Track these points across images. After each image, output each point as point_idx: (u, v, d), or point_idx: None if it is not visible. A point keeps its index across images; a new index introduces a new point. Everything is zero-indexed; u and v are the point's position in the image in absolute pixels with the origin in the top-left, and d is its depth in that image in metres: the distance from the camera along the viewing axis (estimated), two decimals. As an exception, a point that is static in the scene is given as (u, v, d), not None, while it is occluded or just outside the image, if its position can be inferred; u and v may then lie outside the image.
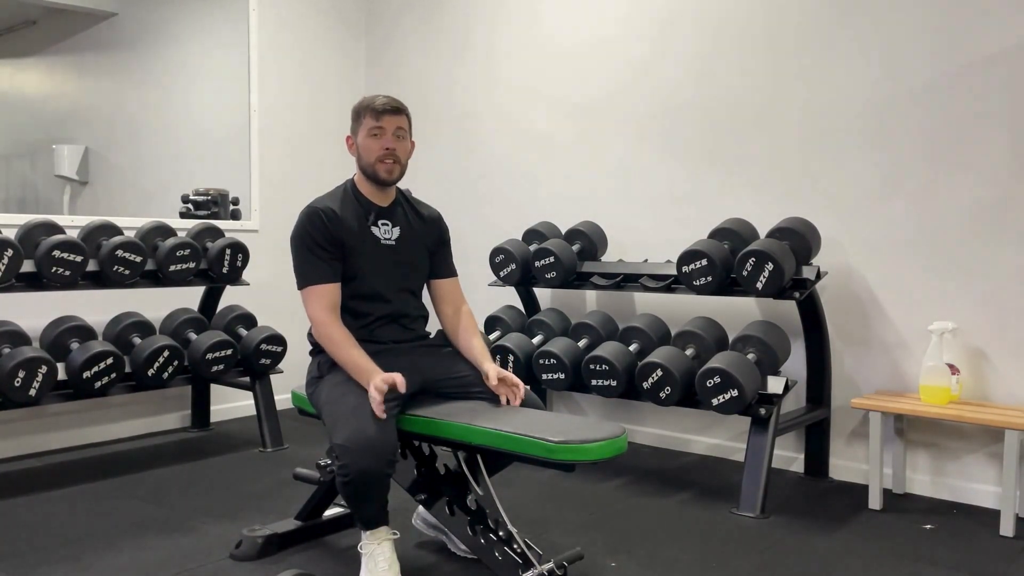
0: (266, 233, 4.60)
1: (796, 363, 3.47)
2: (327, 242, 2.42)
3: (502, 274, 3.98)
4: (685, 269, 3.32)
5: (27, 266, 3.21)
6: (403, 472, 2.47)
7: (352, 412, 2.22)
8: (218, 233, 3.91)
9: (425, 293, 2.67)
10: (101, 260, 3.40)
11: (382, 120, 2.46)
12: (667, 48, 3.94)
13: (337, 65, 5.05)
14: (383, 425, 2.20)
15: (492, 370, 2.44)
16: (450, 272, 2.68)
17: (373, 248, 2.48)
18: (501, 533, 2.33)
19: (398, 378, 2.26)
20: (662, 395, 3.24)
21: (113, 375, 3.37)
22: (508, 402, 2.41)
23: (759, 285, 3.15)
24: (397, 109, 2.49)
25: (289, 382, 3.58)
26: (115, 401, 4.06)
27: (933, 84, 3.24)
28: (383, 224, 2.52)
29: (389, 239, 2.52)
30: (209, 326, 3.90)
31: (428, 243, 2.62)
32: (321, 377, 2.45)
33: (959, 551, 2.71)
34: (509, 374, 2.44)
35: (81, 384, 3.30)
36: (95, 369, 3.31)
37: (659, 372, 3.22)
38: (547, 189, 4.38)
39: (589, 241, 3.91)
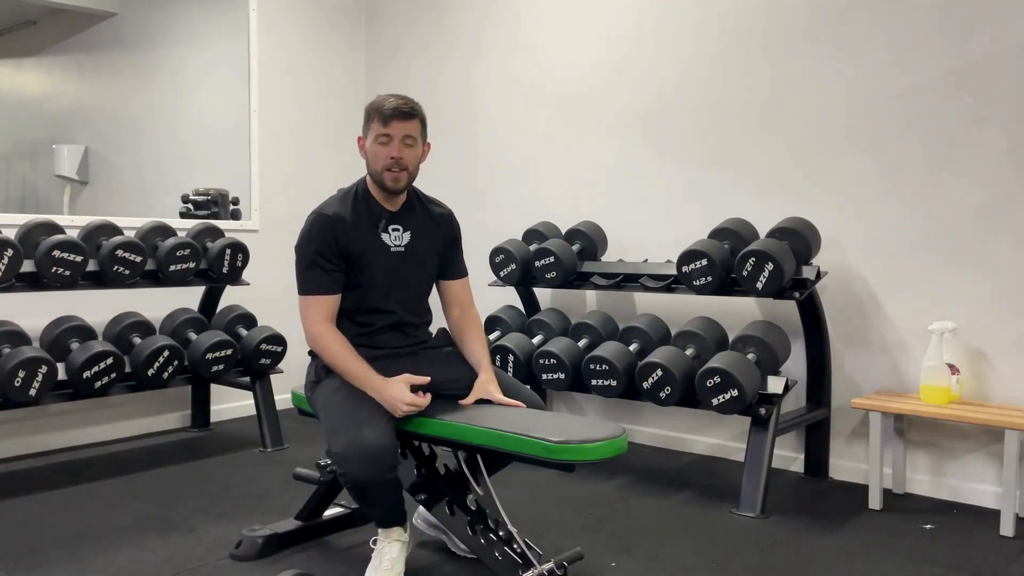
0: (266, 233, 4.60)
1: (796, 363, 3.47)
2: (332, 253, 2.37)
3: (502, 274, 3.98)
4: (685, 269, 3.32)
5: (27, 266, 3.21)
6: (403, 472, 2.47)
7: (350, 420, 2.21)
8: (218, 233, 3.90)
9: (433, 293, 2.64)
10: (101, 260, 3.40)
11: (389, 127, 2.35)
12: (668, 48, 3.93)
13: (337, 64, 5.05)
14: (381, 432, 2.18)
15: (486, 387, 2.40)
16: (459, 273, 2.63)
17: (382, 256, 2.43)
18: (501, 533, 2.33)
19: (415, 380, 2.30)
20: (662, 395, 3.23)
21: (113, 375, 3.37)
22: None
23: (759, 285, 3.15)
24: (406, 114, 2.36)
25: (289, 382, 3.58)
26: (115, 401, 4.06)
27: (933, 84, 3.24)
28: (394, 230, 2.46)
29: (399, 246, 2.46)
30: (209, 326, 3.90)
31: (439, 245, 2.57)
32: (319, 382, 2.44)
33: (959, 551, 2.71)
34: (498, 397, 2.38)
35: (81, 384, 3.30)
36: (95, 369, 3.31)
37: (659, 372, 3.22)
38: (547, 189, 4.38)
39: (589, 241, 3.91)
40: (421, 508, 2.68)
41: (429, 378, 2.34)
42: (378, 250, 2.43)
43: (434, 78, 4.86)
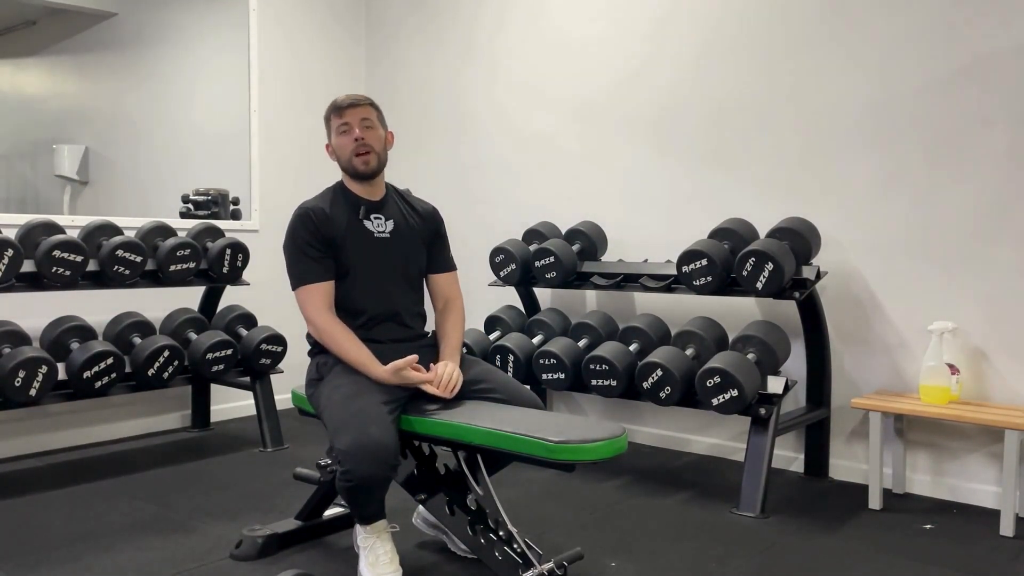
0: (266, 233, 4.60)
1: (796, 363, 3.47)
2: (318, 241, 2.43)
3: (502, 274, 3.98)
4: (685, 269, 3.32)
5: (27, 266, 3.21)
6: (403, 472, 2.48)
7: (353, 417, 2.22)
8: (218, 233, 3.91)
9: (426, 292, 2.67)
10: (101, 260, 3.40)
11: (345, 115, 2.48)
12: (667, 48, 3.94)
13: (337, 65, 5.05)
14: (385, 429, 2.20)
15: (443, 367, 2.41)
16: (447, 266, 2.68)
17: (366, 242, 2.48)
18: (501, 533, 2.33)
19: (410, 360, 2.34)
20: (662, 395, 3.24)
21: (113, 375, 3.37)
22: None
23: (759, 285, 3.15)
24: (358, 102, 2.49)
25: (289, 382, 3.58)
26: (115, 401, 4.06)
27: (933, 83, 3.24)
28: (375, 218, 2.52)
29: (383, 232, 2.52)
30: (209, 326, 3.90)
31: (424, 236, 2.61)
32: (321, 379, 2.45)
33: (959, 551, 2.71)
34: (449, 381, 2.39)
35: (81, 384, 3.30)
36: (95, 369, 3.31)
37: (659, 372, 3.22)
38: (547, 189, 4.38)
39: (589, 241, 3.91)
40: (421, 508, 2.68)
41: (417, 356, 2.39)
42: (362, 236, 2.48)
43: (434, 78, 4.86)
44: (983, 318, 3.15)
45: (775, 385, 3.13)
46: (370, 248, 2.49)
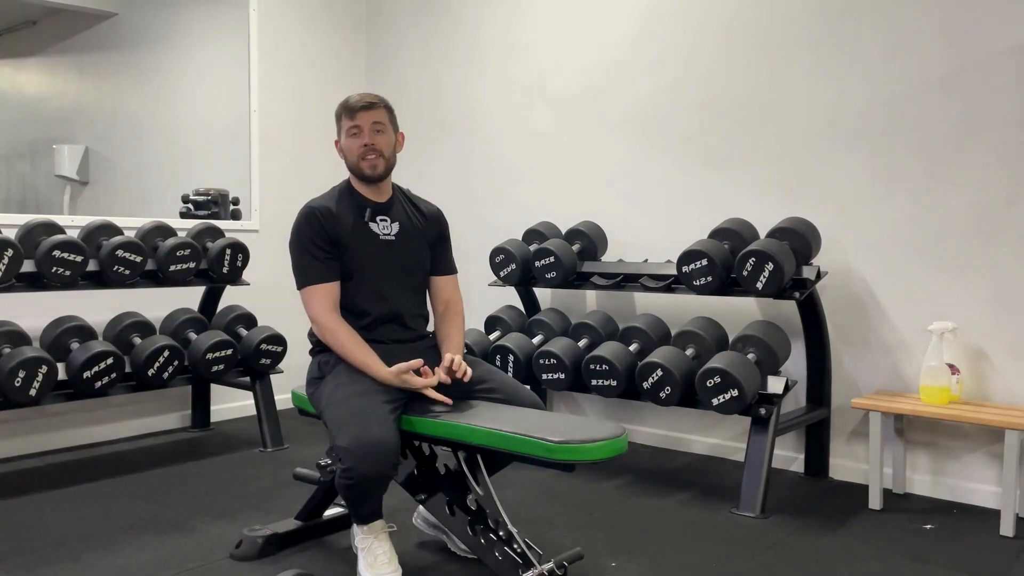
0: (266, 233, 4.60)
1: (796, 363, 3.47)
2: (324, 241, 2.43)
3: (502, 274, 3.98)
4: (685, 269, 3.32)
5: (27, 266, 3.21)
6: (403, 472, 2.48)
7: (355, 415, 2.22)
8: (218, 233, 3.91)
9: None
10: (101, 260, 3.41)
11: (356, 118, 2.46)
12: (668, 48, 3.94)
13: (337, 65, 5.05)
14: (386, 428, 2.20)
15: (450, 359, 2.41)
16: (447, 269, 2.68)
17: (372, 244, 2.48)
18: (501, 533, 2.33)
19: (415, 364, 2.34)
20: (662, 395, 3.24)
21: (113, 375, 3.37)
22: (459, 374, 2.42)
23: (759, 285, 3.15)
24: (370, 104, 2.47)
25: (289, 382, 3.58)
26: (115, 401, 4.06)
27: (933, 85, 3.24)
28: (381, 220, 2.52)
29: (388, 234, 2.52)
30: (209, 326, 3.90)
31: (429, 238, 2.62)
32: (322, 377, 2.45)
33: (959, 551, 2.71)
34: (460, 369, 2.41)
35: (81, 384, 3.30)
36: (95, 369, 3.31)
37: (659, 372, 3.22)
38: (547, 189, 4.38)
39: (589, 241, 3.91)
40: (422, 508, 2.68)
41: (422, 360, 2.39)
42: (367, 237, 2.48)
43: (434, 78, 4.86)
44: (983, 318, 3.15)
45: (775, 385, 3.13)
46: (375, 250, 2.49)
